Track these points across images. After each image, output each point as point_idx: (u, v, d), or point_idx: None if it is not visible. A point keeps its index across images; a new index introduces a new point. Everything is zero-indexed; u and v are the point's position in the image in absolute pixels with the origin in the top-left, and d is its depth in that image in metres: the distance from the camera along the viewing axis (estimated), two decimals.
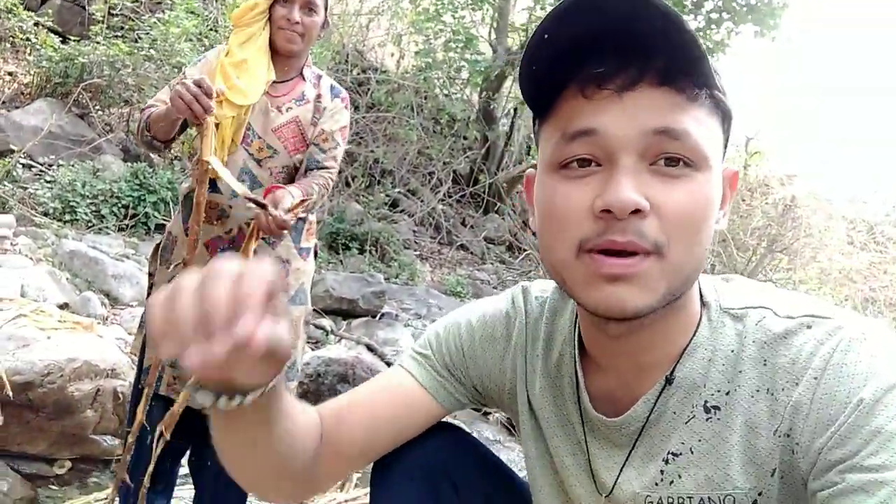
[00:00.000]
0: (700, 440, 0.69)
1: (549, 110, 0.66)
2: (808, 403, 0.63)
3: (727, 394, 0.68)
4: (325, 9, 1.94)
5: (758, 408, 0.66)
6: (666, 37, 0.58)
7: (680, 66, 0.60)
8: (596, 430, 0.76)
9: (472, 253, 7.08)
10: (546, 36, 0.62)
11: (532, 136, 6.42)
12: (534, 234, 0.75)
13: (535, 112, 0.69)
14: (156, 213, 4.44)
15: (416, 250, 6.51)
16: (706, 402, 0.69)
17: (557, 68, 0.63)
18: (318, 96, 1.95)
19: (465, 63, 7.26)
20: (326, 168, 1.93)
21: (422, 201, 6.95)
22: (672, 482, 0.70)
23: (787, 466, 0.65)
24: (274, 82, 1.95)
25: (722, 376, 0.68)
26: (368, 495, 0.88)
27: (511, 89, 7.94)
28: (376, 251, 5.82)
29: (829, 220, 11.09)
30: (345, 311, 4.35)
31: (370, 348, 3.89)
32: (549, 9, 7.43)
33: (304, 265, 2.02)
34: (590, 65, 0.62)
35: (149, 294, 2.10)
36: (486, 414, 3.79)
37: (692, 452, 0.69)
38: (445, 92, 7.62)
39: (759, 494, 0.66)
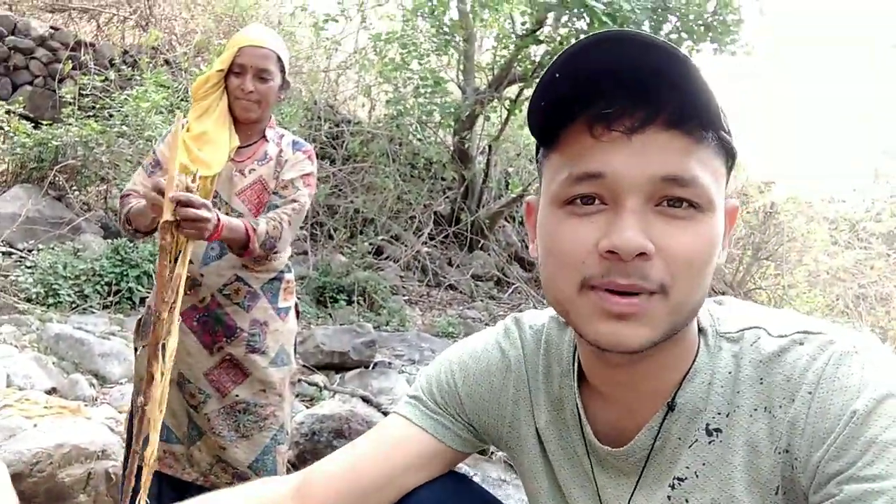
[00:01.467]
0: (704, 463, 0.70)
1: (555, 141, 0.67)
2: (803, 418, 0.64)
3: (727, 416, 0.69)
4: (283, 71, 1.98)
5: (757, 427, 0.67)
6: (677, 81, 0.59)
7: (689, 110, 0.61)
8: (602, 460, 0.76)
9: (460, 292, 7.09)
10: (557, 75, 0.62)
11: (508, 170, 6.47)
12: (530, 262, 0.76)
13: (541, 142, 0.70)
14: (139, 287, 4.44)
15: (404, 295, 6.52)
16: (707, 424, 0.70)
17: (567, 106, 0.64)
18: (280, 152, 1.98)
19: (435, 107, 7.37)
20: (282, 208, 1.91)
21: (406, 246, 6.98)
22: None
23: (789, 482, 0.65)
24: (238, 147, 1.99)
25: (721, 398, 0.69)
26: None
27: (483, 127, 8.05)
28: (364, 300, 5.82)
29: (810, 223, 11.19)
30: (336, 365, 4.34)
31: (366, 400, 3.86)
32: (511, 48, 7.59)
33: (283, 325, 2.02)
34: (599, 104, 0.62)
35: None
36: (490, 454, 3.76)
37: (697, 476, 0.70)
38: (419, 136, 7.71)
39: None
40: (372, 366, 4.41)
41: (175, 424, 2.01)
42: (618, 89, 0.61)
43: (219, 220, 1.69)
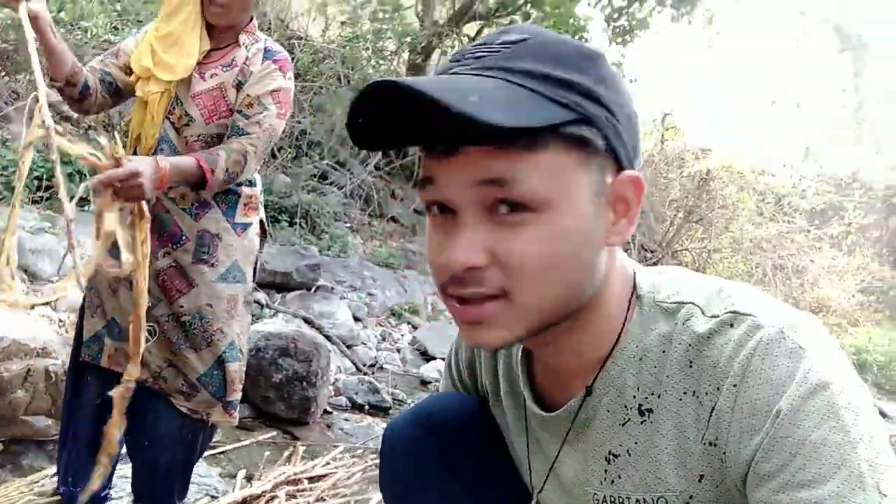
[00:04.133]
0: (636, 442, 0.70)
1: None
2: (729, 412, 0.63)
3: (658, 396, 0.68)
4: None
5: (685, 412, 0.66)
6: (491, 111, 0.56)
7: (497, 136, 0.58)
8: (540, 423, 0.78)
9: (402, 225, 7.05)
10: (360, 121, 0.63)
11: None
12: None
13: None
14: (72, 186, 4.19)
15: (346, 222, 6.43)
16: (640, 405, 0.69)
17: (385, 141, 0.66)
18: (247, 59, 1.83)
19: (392, 34, 7.16)
20: (247, 134, 1.77)
21: (351, 173, 6.85)
22: (613, 481, 0.72)
23: (719, 474, 0.65)
24: (208, 50, 1.86)
25: (653, 377, 0.68)
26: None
27: (439, 61, 7.88)
28: (306, 224, 5.71)
29: (740, 192, 11.60)
30: (279, 285, 4.26)
31: (307, 321, 3.83)
32: None
33: (239, 241, 1.92)
34: (412, 134, 0.64)
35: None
36: None
37: (629, 454, 0.70)
38: (373, 63, 7.50)
39: (691, 497, 0.67)
40: (314, 289, 4.35)
41: (125, 323, 1.92)
42: (418, 126, 0.61)
43: (159, 168, 1.57)
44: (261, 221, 2.01)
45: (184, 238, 1.89)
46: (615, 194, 0.65)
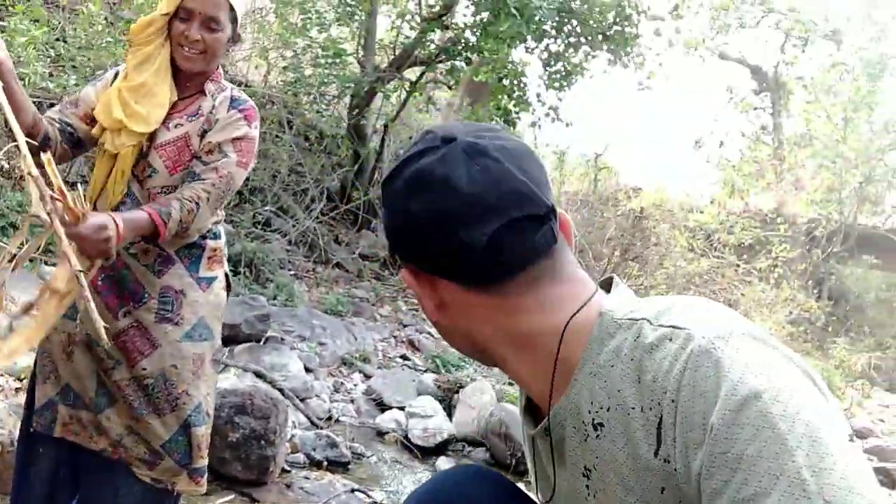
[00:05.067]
0: (597, 457, 0.70)
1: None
2: (672, 427, 0.63)
3: (608, 410, 0.69)
4: (234, 22, 1.82)
5: (635, 426, 0.66)
6: None
7: None
8: (536, 444, 0.80)
9: (347, 271, 6.98)
10: None
11: (400, 152, 6.49)
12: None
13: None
14: (5, 239, 4.00)
15: (290, 270, 6.32)
16: (594, 419, 0.70)
17: None
18: (213, 108, 1.79)
19: (334, 79, 7.18)
20: (202, 180, 1.71)
21: (295, 220, 6.77)
22: (595, 495, 0.73)
23: (678, 491, 0.65)
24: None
25: (604, 393, 0.69)
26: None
27: (381, 106, 7.94)
28: (251, 272, 5.59)
29: (672, 230, 11.98)
30: (227, 338, 4.12)
31: (259, 375, 3.72)
32: (415, 28, 7.53)
33: (204, 297, 1.86)
34: None
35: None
36: None
37: (596, 469, 0.71)
38: (316, 108, 7.49)
39: None
40: (264, 340, 4.24)
41: (81, 389, 1.82)
42: None
43: (116, 227, 1.53)
44: (226, 275, 1.96)
45: (146, 296, 1.82)
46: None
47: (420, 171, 0.71)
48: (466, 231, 0.70)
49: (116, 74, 1.87)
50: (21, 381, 3.02)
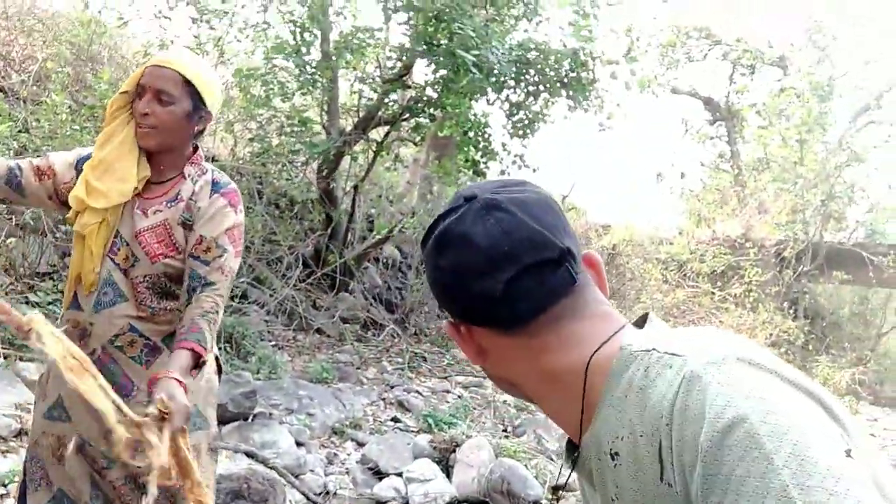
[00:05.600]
0: (617, 486, 0.73)
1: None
2: (669, 452, 0.65)
3: (621, 440, 0.71)
4: (196, 98, 1.75)
5: (642, 452, 0.69)
6: None
7: None
8: (582, 480, 0.83)
9: (328, 336, 6.92)
10: None
11: (371, 211, 6.49)
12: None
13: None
14: None
15: (271, 340, 6.25)
16: (611, 449, 0.73)
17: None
18: (193, 194, 1.78)
19: (301, 146, 7.24)
20: (212, 285, 1.72)
21: (272, 289, 6.72)
22: None
23: None
24: (150, 182, 1.81)
25: (618, 423, 0.72)
26: None
27: (349, 168, 8.00)
28: (232, 347, 5.51)
29: (645, 263, 12.13)
30: None
31: (250, 455, 3.64)
32: (377, 91, 7.65)
33: (196, 384, 1.82)
34: None
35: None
36: None
37: (618, 498, 0.73)
38: (286, 176, 7.52)
39: None
40: (251, 418, 4.16)
41: (75, 493, 1.77)
42: None
43: (182, 386, 1.57)
44: (216, 357, 1.93)
45: (135, 390, 1.79)
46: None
47: (443, 230, 0.79)
48: (484, 281, 0.76)
49: (88, 156, 1.85)
50: (5, 486, 2.92)
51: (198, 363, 1.66)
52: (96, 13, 7.19)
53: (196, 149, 1.88)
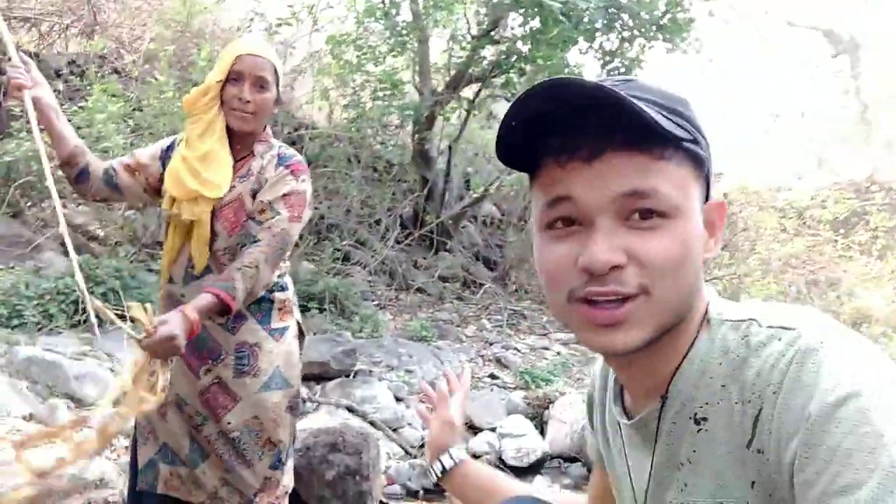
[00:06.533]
0: (694, 451, 0.73)
1: (534, 174, 0.75)
2: (769, 419, 0.65)
3: (712, 406, 0.71)
4: (278, 84, 1.91)
5: (735, 420, 0.69)
6: (621, 113, 0.66)
7: (638, 137, 0.68)
8: (628, 438, 0.82)
9: (429, 294, 7.06)
10: (513, 123, 0.71)
11: (468, 170, 6.47)
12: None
13: (525, 172, 0.77)
14: (107, 304, 4.27)
15: (374, 300, 6.45)
16: (696, 413, 0.73)
17: (531, 147, 0.73)
18: (262, 168, 1.87)
19: (394, 109, 7.32)
20: (257, 242, 1.78)
21: (373, 251, 6.91)
22: (682, 490, 0.75)
23: (769, 482, 0.66)
24: None
25: (709, 389, 0.72)
26: None
27: (443, 128, 8.03)
28: (336, 308, 5.73)
29: (760, 212, 11.51)
30: (317, 376, 4.26)
31: (350, 409, 3.82)
32: (467, 49, 7.60)
33: (279, 346, 1.93)
34: (558, 139, 0.71)
35: None
36: None
37: (690, 462, 0.73)
38: (380, 140, 7.64)
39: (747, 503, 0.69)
40: (353, 374, 4.34)
41: (177, 446, 1.94)
42: (570, 125, 0.69)
43: (189, 320, 1.63)
44: (297, 323, 2.03)
45: (223, 353, 1.91)
46: (707, 217, 0.74)
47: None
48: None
49: (171, 145, 1.98)
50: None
51: (223, 311, 1.73)
52: None
53: (264, 128, 1.96)
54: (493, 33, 7.47)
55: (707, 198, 0.75)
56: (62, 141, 1.85)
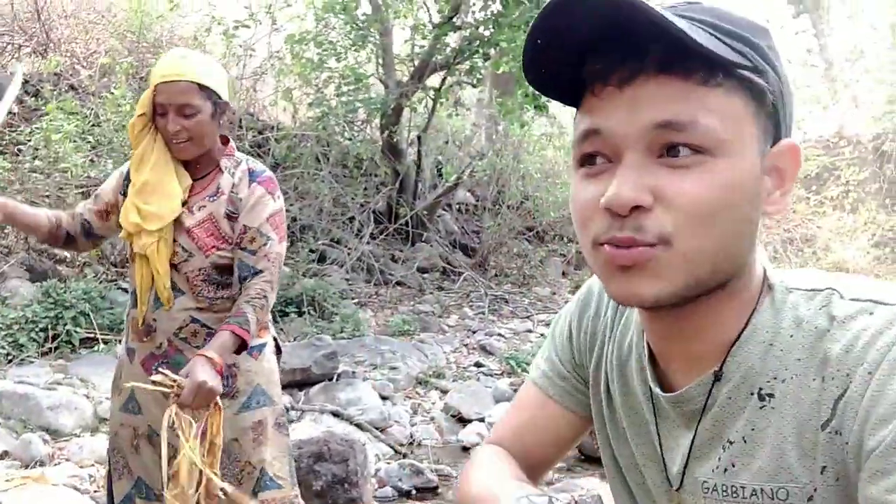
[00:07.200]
0: (753, 429, 0.66)
1: (576, 103, 0.67)
2: (858, 400, 0.59)
3: (782, 381, 0.64)
4: (213, 97, 1.79)
5: (809, 397, 0.63)
6: (657, 28, 0.57)
7: (677, 55, 0.59)
8: (660, 409, 0.74)
9: (409, 287, 7.03)
10: (539, 41, 0.62)
11: (439, 158, 6.43)
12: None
13: (571, 104, 0.70)
14: (76, 329, 4.19)
15: (353, 298, 6.41)
16: (761, 388, 0.66)
17: (562, 70, 0.64)
18: (233, 186, 1.83)
19: (359, 103, 7.25)
20: (259, 273, 1.78)
21: (348, 248, 6.86)
22: (726, 470, 0.68)
23: (841, 467, 0.61)
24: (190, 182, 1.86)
25: (779, 362, 0.65)
26: None
27: (410, 119, 7.97)
28: (315, 310, 5.69)
29: None
30: (299, 382, 4.23)
31: (336, 414, 3.79)
32: (429, 37, 7.53)
33: (257, 365, 1.90)
34: (590, 62, 0.63)
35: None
36: None
37: (745, 441, 0.66)
38: (348, 136, 7.57)
39: (815, 490, 0.63)
40: (336, 377, 4.31)
41: (151, 480, 1.89)
42: (602, 45, 0.61)
43: (214, 363, 1.63)
44: (273, 338, 2.00)
45: None
46: (772, 162, 0.64)
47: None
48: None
49: (126, 173, 1.93)
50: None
51: (241, 346, 1.72)
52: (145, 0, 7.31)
53: (227, 140, 1.91)
54: (454, 20, 7.41)
55: (776, 141, 0.64)
56: (36, 229, 1.86)
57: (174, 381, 1.59)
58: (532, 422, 0.89)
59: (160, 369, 1.64)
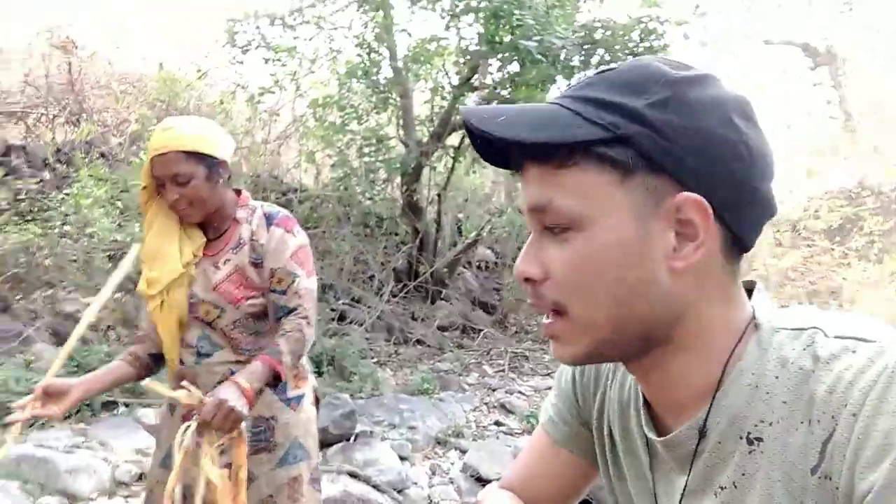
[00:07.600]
0: (744, 474, 0.65)
1: None
2: (844, 444, 0.58)
3: (770, 425, 0.64)
4: (205, 159, 1.79)
5: (796, 441, 0.62)
6: (514, 129, 0.64)
7: (533, 149, 0.65)
8: (656, 454, 0.74)
9: (428, 346, 7.02)
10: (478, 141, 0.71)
11: (459, 216, 6.46)
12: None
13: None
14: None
15: (372, 357, 6.41)
16: (749, 433, 0.65)
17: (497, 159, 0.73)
18: (253, 234, 1.85)
19: (381, 163, 7.40)
20: (294, 311, 1.80)
21: (368, 307, 6.90)
22: None
23: None
24: (210, 240, 1.90)
25: (765, 405, 0.64)
26: None
27: (430, 178, 8.10)
28: (334, 369, 5.70)
29: None
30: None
31: (353, 475, 3.75)
32: (448, 98, 7.71)
33: (295, 416, 1.88)
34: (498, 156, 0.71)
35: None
36: None
37: (735, 487, 0.66)
38: (369, 195, 7.70)
39: None
40: (353, 437, 4.29)
41: None
42: (497, 146, 0.68)
43: (241, 387, 1.65)
44: (313, 389, 2.00)
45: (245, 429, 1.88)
46: (674, 217, 0.64)
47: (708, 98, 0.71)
48: (767, 178, 0.68)
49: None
50: None
51: (275, 377, 1.73)
52: (175, 69, 7.61)
53: (239, 192, 1.94)
54: (472, 80, 7.58)
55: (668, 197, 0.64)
56: (124, 380, 1.91)
57: (200, 399, 1.60)
58: (542, 466, 0.91)
59: (184, 383, 1.64)
